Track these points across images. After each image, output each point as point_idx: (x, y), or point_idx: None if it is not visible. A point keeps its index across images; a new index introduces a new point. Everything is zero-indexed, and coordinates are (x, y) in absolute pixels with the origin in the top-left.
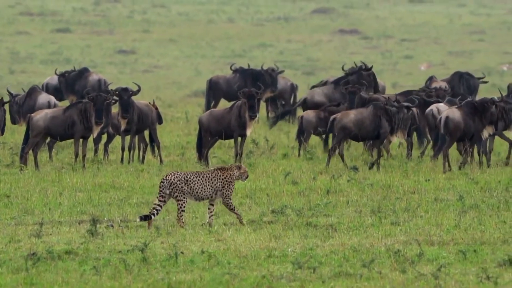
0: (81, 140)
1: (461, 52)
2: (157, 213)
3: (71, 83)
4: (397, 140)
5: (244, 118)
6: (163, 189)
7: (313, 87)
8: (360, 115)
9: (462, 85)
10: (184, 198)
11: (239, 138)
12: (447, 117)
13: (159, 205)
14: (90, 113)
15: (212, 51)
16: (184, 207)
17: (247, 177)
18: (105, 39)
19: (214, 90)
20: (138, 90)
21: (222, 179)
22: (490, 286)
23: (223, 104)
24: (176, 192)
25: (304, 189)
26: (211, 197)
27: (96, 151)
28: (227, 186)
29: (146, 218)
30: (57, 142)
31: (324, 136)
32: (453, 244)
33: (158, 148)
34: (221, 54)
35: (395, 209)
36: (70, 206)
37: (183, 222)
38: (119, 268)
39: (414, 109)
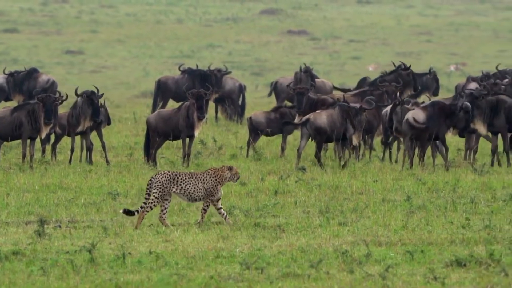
0: (28, 140)
1: (409, 53)
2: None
3: (19, 83)
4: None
5: (192, 119)
6: (149, 187)
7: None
8: (331, 116)
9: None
10: (159, 198)
11: (187, 139)
12: (412, 118)
13: (144, 202)
14: (39, 113)
15: (161, 51)
16: (154, 206)
17: (238, 178)
18: (53, 39)
19: (163, 91)
20: (102, 94)
21: (213, 179)
22: (437, 287)
23: (172, 104)
24: (157, 188)
25: (252, 189)
26: (204, 198)
27: (43, 151)
28: (215, 186)
29: (129, 212)
30: (5, 142)
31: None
32: (400, 245)
33: (104, 148)
34: (169, 54)
35: (343, 210)
36: (17, 206)
37: (141, 220)
38: (66, 268)
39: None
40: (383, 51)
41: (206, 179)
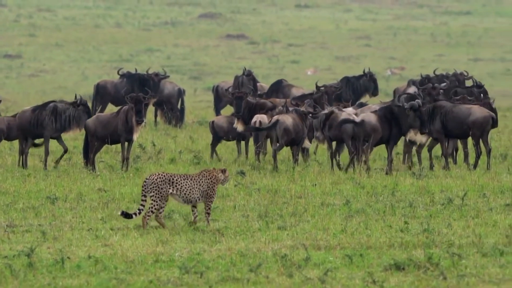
0: None
1: (348, 57)
2: (139, 214)
3: None
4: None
5: (131, 123)
6: (145, 188)
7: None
8: (294, 119)
9: (348, 89)
10: (158, 200)
11: (126, 143)
12: (363, 121)
13: (142, 205)
14: None
15: (99, 55)
16: (155, 209)
17: (227, 181)
18: None
19: (101, 95)
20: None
21: (209, 181)
22: None
23: (110, 109)
24: (153, 191)
25: None
26: (199, 199)
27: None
28: (212, 188)
29: (127, 216)
30: None
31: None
32: (339, 249)
33: (25, 154)
34: (108, 58)
35: (282, 214)
36: None
37: (147, 223)
38: (5, 273)
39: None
40: (321, 55)
41: (202, 181)
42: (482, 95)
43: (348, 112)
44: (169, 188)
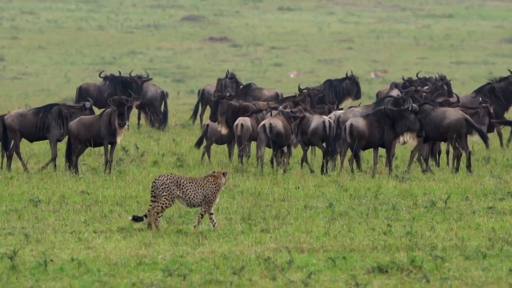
0: None
1: (330, 60)
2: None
3: None
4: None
5: (114, 126)
6: (154, 189)
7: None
8: (283, 122)
9: (331, 92)
10: (170, 200)
11: (109, 146)
12: (351, 125)
13: (152, 206)
14: None
15: (82, 58)
16: (166, 208)
17: (226, 184)
18: None
19: (84, 98)
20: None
21: (212, 186)
22: None
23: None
24: (164, 191)
25: None
26: (202, 204)
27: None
28: (214, 194)
29: (138, 219)
30: None
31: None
32: (322, 251)
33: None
34: (90, 61)
35: (265, 217)
36: None
37: (159, 224)
38: None
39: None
40: (304, 58)
41: (206, 186)
42: (480, 99)
43: (324, 116)
44: (177, 190)
